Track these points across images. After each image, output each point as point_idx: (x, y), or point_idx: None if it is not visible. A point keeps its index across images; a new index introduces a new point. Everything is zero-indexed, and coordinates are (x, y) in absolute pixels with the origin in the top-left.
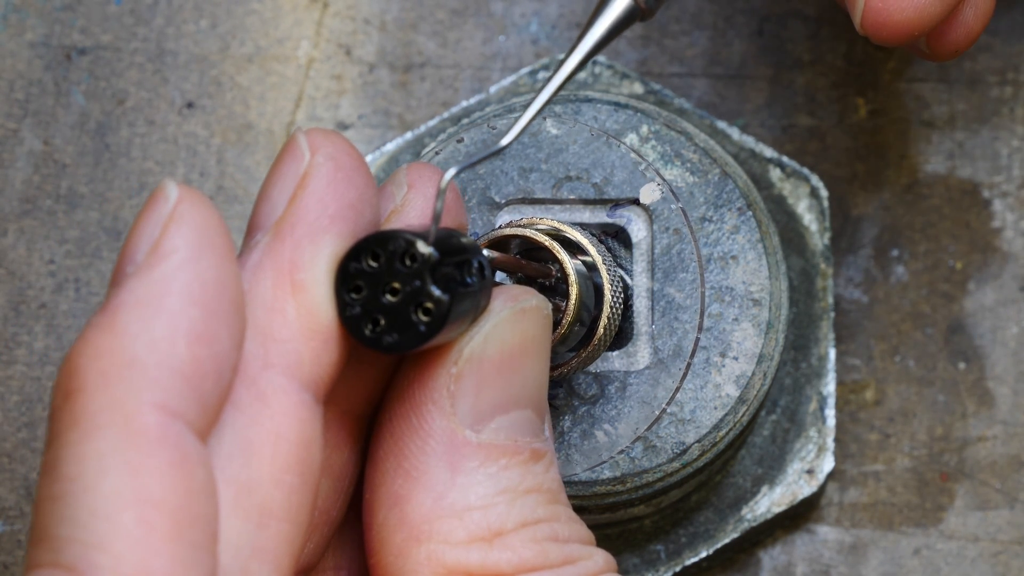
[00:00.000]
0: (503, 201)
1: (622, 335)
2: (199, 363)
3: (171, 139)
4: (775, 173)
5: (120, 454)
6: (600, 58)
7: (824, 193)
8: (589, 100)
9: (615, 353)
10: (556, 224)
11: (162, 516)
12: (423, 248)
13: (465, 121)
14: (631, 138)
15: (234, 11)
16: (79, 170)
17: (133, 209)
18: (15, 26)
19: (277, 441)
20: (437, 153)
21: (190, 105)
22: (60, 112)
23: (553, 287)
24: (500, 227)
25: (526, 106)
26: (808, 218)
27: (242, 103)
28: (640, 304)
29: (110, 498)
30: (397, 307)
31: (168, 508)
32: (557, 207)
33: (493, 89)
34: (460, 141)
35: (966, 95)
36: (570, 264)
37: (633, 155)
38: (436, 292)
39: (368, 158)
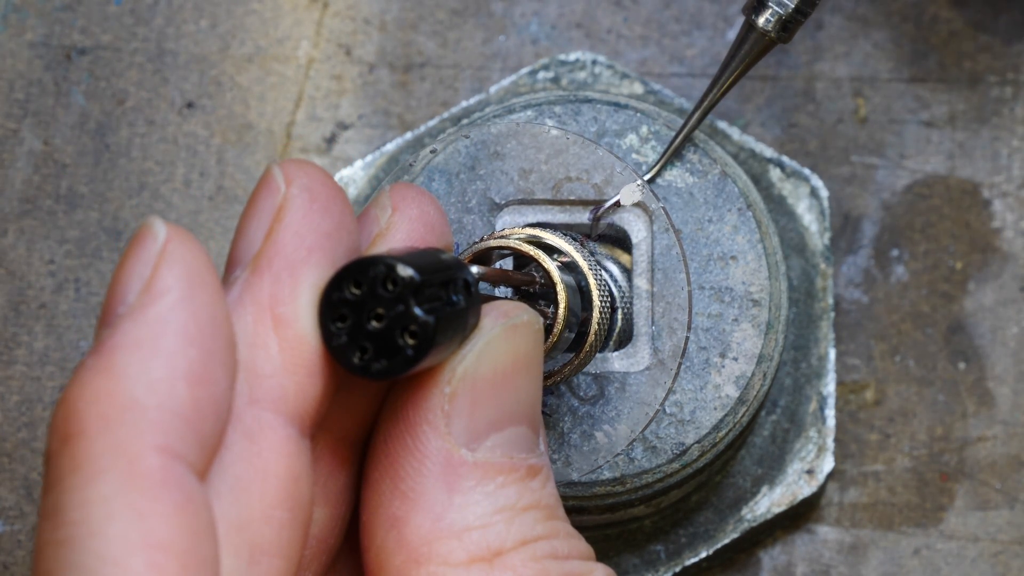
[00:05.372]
0: (503, 202)
1: (622, 336)
2: (199, 404)
3: (171, 139)
4: (775, 173)
5: (125, 498)
6: (600, 58)
7: (824, 193)
8: (589, 100)
9: (615, 354)
10: (532, 231)
11: (170, 559)
12: (404, 271)
13: (465, 121)
14: (631, 138)
15: (234, 11)
16: (79, 170)
17: (133, 209)
18: (15, 26)
19: (265, 478)
20: (415, 164)
21: (190, 105)
22: (60, 112)
23: (539, 293)
24: (480, 240)
25: (666, 149)
26: (808, 218)
27: (242, 103)
28: (640, 305)
29: (118, 542)
30: (383, 333)
31: (176, 551)
32: (557, 208)
33: (493, 89)
34: (433, 151)
35: (966, 95)
36: (556, 271)
37: (633, 156)
38: (420, 315)
39: (368, 158)
